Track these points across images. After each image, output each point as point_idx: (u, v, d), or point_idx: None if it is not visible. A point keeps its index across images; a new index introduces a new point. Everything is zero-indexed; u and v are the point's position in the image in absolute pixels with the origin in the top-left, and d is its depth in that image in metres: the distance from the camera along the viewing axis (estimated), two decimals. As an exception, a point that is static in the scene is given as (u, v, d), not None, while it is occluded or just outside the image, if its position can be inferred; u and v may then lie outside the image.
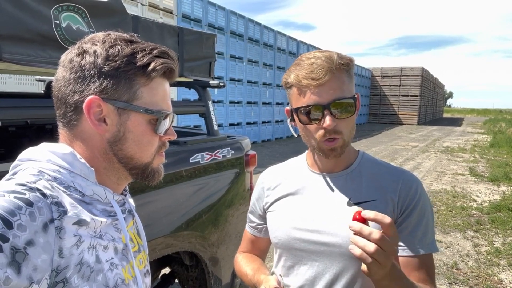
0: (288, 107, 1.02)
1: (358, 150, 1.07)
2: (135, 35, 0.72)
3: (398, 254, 0.95)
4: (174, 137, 0.76)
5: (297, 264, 1.02)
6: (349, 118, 0.93)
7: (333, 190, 1.00)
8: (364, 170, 1.01)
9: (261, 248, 1.20)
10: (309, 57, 0.92)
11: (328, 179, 1.02)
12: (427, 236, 0.95)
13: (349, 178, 1.01)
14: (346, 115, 0.92)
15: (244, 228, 1.24)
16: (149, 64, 0.68)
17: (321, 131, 0.92)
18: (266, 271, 1.08)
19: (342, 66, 0.91)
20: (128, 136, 0.69)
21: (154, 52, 0.69)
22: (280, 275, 1.06)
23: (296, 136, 1.05)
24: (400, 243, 0.94)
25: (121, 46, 0.67)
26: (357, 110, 0.98)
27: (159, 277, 2.33)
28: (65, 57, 0.69)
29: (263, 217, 1.14)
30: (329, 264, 0.97)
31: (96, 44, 0.67)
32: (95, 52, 0.66)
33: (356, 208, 0.95)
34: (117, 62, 0.66)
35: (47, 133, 2.47)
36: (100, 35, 0.69)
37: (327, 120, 0.89)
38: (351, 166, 1.02)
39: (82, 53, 0.67)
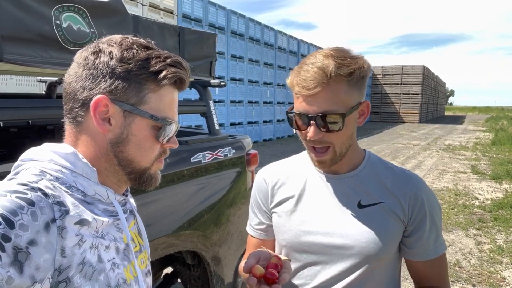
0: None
1: (364, 150, 1.05)
2: (152, 42, 0.72)
3: (414, 259, 0.98)
4: (175, 146, 0.77)
5: (307, 267, 1.00)
6: (338, 132, 0.89)
7: (342, 192, 0.99)
8: (372, 172, 1.00)
9: None
10: (309, 63, 0.88)
11: (337, 180, 1.00)
12: (439, 238, 0.98)
13: (357, 179, 0.99)
14: (333, 129, 0.88)
15: (246, 228, 1.21)
16: (161, 71, 0.68)
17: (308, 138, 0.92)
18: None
19: (340, 77, 0.85)
20: (130, 139, 0.69)
21: (168, 60, 0.69)
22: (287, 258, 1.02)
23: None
24: (416, 250, 0.97)
25: (137, 50, 0.68)
26: (365, 117, 0.96)
27: (162, 277, 2.34)
28: (80, 54, 0.70)
29: (269, 218, 1.10)
30: (340, 266, 0.96)
31: (112, 45, 0.68)
32: (110, 52, 0.67)
33: (366, 211, 0.96)
34: (130, 65, 0.67)
35: (49, 133, 2.48)
36: (117, 37, 0.70)
37: (310, 132, 0.89)
38: (359, 167, 1.01)
39: (98, 52, 0.68)
